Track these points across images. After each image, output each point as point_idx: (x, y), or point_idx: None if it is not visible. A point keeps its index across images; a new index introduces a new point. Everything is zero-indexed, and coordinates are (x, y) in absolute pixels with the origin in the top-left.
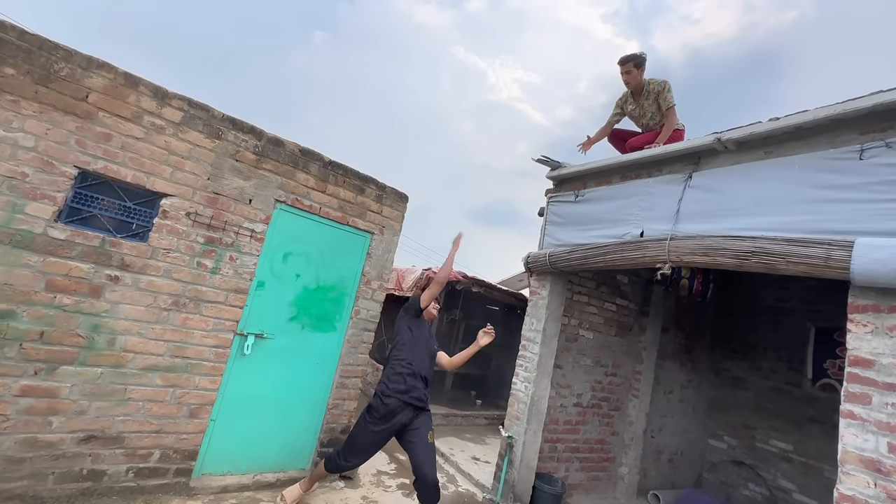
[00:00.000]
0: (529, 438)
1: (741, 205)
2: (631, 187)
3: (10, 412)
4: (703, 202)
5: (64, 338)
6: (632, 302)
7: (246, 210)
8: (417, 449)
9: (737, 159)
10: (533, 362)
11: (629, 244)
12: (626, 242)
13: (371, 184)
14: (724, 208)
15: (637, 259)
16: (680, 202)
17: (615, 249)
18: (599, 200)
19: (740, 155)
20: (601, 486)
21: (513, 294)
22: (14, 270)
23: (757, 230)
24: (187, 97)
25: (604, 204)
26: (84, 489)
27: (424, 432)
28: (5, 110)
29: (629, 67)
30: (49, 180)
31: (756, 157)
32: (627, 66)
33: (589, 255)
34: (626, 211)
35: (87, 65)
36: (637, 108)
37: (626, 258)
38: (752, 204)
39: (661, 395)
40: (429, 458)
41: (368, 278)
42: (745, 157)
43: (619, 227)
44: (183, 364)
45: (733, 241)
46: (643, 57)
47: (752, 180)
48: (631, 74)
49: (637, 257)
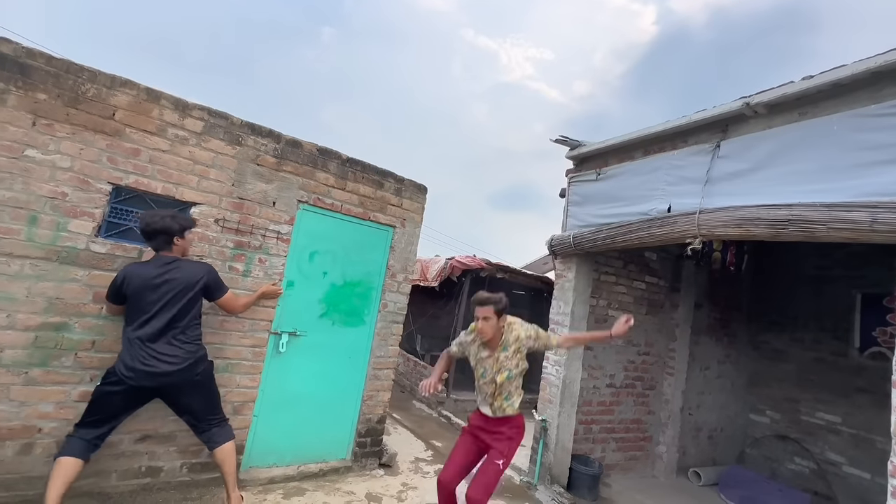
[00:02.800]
0: (563, 421)
1: (775, 172)
2: (655, 161)
3: (73, 416)
4: (733, 172)
5: (114, 346)
6: (662, 279)
7: (270, 213)
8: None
9: (768, 123)
10: None
11: (656, 220)
12: (652, 219)
13: (389, 177)
14: (756, 176)
15: (665, 235)
16: (708, 173)
17: (642, 227)
18: (622, 177)
19: (772, 119)
20: (639, 466)
21: (538, 278)
22: (63, 285)
23: (793, 197)
24: (206, 106)
25: (627, 180)
26: (144, 485)
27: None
28: (41, 134)
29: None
30: (87, 198)
31: (789, 120)
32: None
33: (615, 235)
34: (652, 186)
35: (111, 83)
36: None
37: (654, 235)
38: (787, 170)
39: (697, 372)
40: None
41: (393, 271)
42: (778, 120)
43: (644, 203)
44: (224, 364)
45: (768, 211)
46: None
47: (786, 145)
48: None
49: (665, 233)
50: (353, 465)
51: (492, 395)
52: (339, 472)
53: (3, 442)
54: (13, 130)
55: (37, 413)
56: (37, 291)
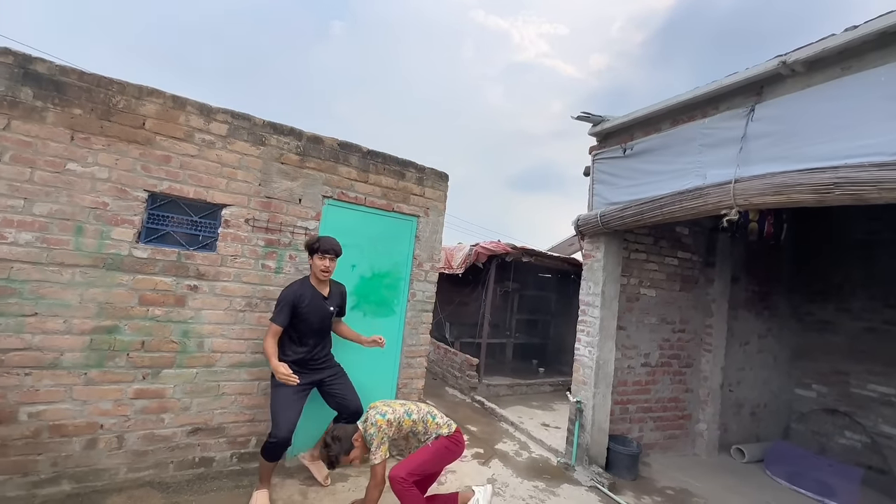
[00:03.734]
0: (599, 402)
1: (816, 133)
2: (684, 131)
3: (130, 413)
4: (770, 136)
5: (161, 345)
6: (695, 254)
7: (297, 209)
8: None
9: (807, 82)
10: (594, 326)
11: (688, 193)
12: (684, 192)
13: (410, 167)
14: (795, 139)
15: (699, 208)
16: (743, 140)
17: (673, 201)
18: (650, 151)
19: (811, 76)
20: (679, 444)
21: (565, 259)
22: (111, 290)
23: (838, 158)
24: (229, 109)
25: (655, 154)
26: (199, 474)
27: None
28: (80, 147)
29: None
30: (126, 206)
31: (831, 77)
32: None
33: (644, 211)
34: (682, 158)
35: (140, 94)
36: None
37: (686, 208)
38: (830, 130)
39: (736, 348)
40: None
41: (420, 261)
42: (818, 77)
43: (674, 176)
44: (263, 359)
45: (810, 175)
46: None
47: (828, 103)
48: None
49: (698, 206)
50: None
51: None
52: None
53: (71, 438)
54: (54, 146)
55: (98, 410)
56: (88, 297)
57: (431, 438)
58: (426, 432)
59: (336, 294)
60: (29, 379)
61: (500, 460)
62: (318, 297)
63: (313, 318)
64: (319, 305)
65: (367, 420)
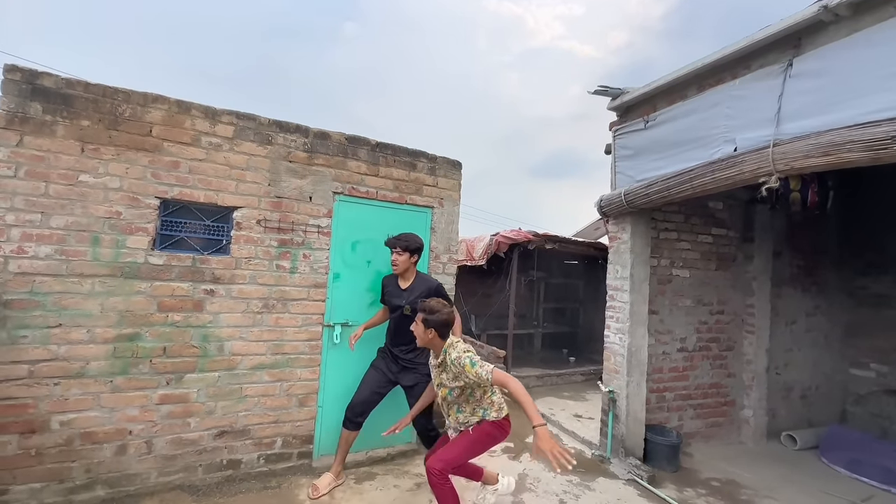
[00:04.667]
0: (633, 391)
1: (867, 83)
2: (712, 96)
3: (156, 418)
4: (812, 91)
5: (182, 350)
6: (731, 229)
7: (308, 207)
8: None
9: (853, 27)
10: (624, 312)
11: (720, 163)
12: (715, 162)
13: (421, 157)
14: (843, 92)
15: (733, 178)
16: (780, 98)
17: (703, 172)
18: (675, 120)
19: (857, 20)
20: (723, 432)
21: (591, 244)
22: (131, 298)
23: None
24: (234, 110)
25: (680, 123)
26: (227, 476)
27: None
28: (90, 159)
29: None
30: (139, 214)
31: (881, 17)
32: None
33: (671, 186)
34: (711, 125)
35: (144, 101)
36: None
37: (719, 180)
38: (884, 78)
39: (782, 328)
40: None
41: (437, 253)
42: (866, 20)
43: (703, 145)
44: (284, 360)
45: (862, 130)
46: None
47: (880, 48)
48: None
49: (733, 175)
50: (420, 448)
51: (446, 411)
52: (406, 456)
53: (102, 445)
54: (66, 159)
55: (125, 417)
56: (109, 306)
57: (477, 417)
58: (479, 402)
59: (418, 290)
60: (58, 388)
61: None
62: (396, 288)
63: (392, 309)
64: (394, 296)
65: (456, 345)
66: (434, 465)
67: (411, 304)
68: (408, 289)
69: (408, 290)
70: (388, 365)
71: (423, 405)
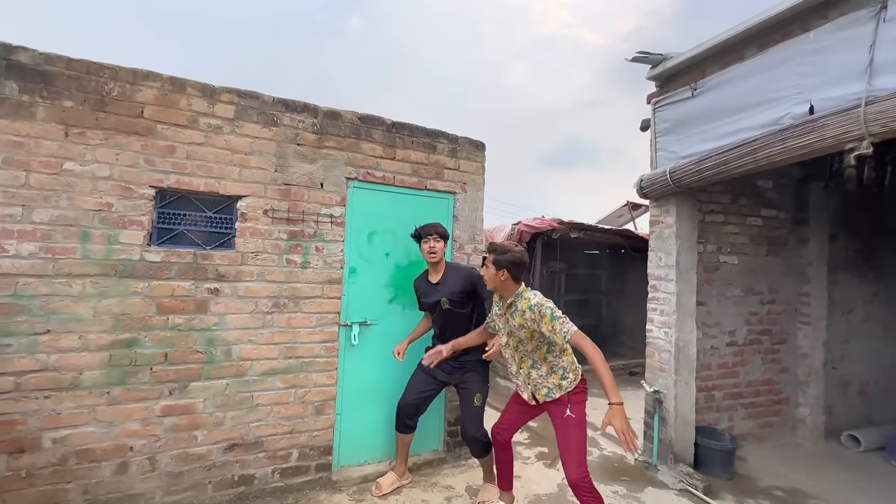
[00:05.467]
0: (682, 391)
1: None
2: (779, 53)
3: (160, 432)
4: None
5: (186, 356)
6: (782, 210)
7: (319, 195)
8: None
9: None
10: (670, 303)
11: (793, 129)
12: (787, 128)
13: (442, 138)
14: None
15: (811, 145)
16: (873, 48)
17: (771, 141)
18: (730, 84)
19: None
20: (776, 433)
21: (617, 232)
22: (127, 300)
23: None
24: (234, 88)
25: (737, 87)
26: (240, 493)
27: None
28: (76, 144)
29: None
30: (132, 206)
31: None
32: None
33: (728, 160)
34: (777, 86)
35: (134, 79)
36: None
37: (792, 149)
38: None
39: (837, 317)
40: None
41: (460, 243)
42: None
43: (767, 110)
44: (298, 364)
45: None
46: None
47: None
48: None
49: (810, 143)
50: (447, 456)
51: (515, 364)
52: (433, 465)
53: (100, 463)
54: (48, 145)
55: (125, 432)
56: (102, 309)
57: (555, 380)
58: (556, 361)
59: (451, 280)
60: (49, 402)
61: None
62: (428, 286)
63: (430, 308)
64: (429, 295)
65: (533, 291)
66: (576, 476)
67: (449, 297)
68: (440, 282)
69: (440, 284)
70: (437, 371)
71: (466, 343)
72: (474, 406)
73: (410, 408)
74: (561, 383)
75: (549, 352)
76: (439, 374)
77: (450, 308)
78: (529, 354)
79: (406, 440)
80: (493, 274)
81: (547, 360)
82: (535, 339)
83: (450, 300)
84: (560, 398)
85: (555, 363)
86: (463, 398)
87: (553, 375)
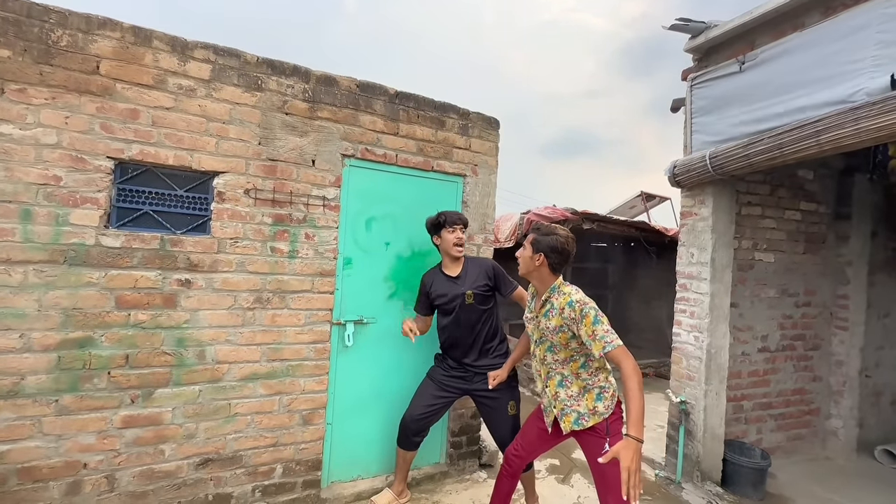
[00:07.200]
0: (711, 402)
1: None
2: (853, 19)
3: (119, 446)
4: None
5: (151, 358)
6: (821, 204)
7: (310, 174)
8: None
9: None
10: (702, 305)
11: (869, 107)
12: (860, 106)
13: (451, 112)
14: None
15: (890, 126)
16: None
17: (840, 121)
18: (787, 56)
19: None
20: (805, 446)
21: (632, 224)
22: (79, 292)
23: None
24: (211, 44)
25: (796, 59)
26: None
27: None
28: (15, 104)
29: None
30: (85, 180)
31: None
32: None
33: (784, 143)
34: (848, 57)
35: (87, 26)
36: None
37: (866, 131)
38: None
39: (873, 322)
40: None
41: (470, 233)
42: None
43: (834, 86)
44: (283, 368)
45: None
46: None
47: None
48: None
49: (890, 124)
50: (450, 470)
51: (541, 381)
52: (434, 480)
53: (48, 483)
54: None
55: (77, 446)
56: (48, 303)
57: (588, 404)
58: (591, 379)
59: (473, 272)
60: None
61: (583, 475)
62: (445, 281)
63: (447, 306)
64: (449, 290)
65: (574, 288)
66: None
67: (474, 290)
68: (461, 275)
69: (461, 277)
70: (451, 374)
71: (520, 355)
72: (509, 415)
73: (418, 423)
74: (596, 406)
75: (585, 366)
76: (454, 384)
77: (473, 303)
78: (559, 367)
79: (408, 457)
80: (528, 256)
81: (580, 376)
82: (571, 348)
83: (475, 293)
84: (595, 427)
85: (590, 381)
86: (492, 409)
87: (586, 396)
